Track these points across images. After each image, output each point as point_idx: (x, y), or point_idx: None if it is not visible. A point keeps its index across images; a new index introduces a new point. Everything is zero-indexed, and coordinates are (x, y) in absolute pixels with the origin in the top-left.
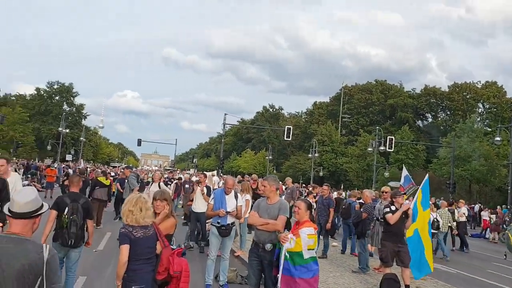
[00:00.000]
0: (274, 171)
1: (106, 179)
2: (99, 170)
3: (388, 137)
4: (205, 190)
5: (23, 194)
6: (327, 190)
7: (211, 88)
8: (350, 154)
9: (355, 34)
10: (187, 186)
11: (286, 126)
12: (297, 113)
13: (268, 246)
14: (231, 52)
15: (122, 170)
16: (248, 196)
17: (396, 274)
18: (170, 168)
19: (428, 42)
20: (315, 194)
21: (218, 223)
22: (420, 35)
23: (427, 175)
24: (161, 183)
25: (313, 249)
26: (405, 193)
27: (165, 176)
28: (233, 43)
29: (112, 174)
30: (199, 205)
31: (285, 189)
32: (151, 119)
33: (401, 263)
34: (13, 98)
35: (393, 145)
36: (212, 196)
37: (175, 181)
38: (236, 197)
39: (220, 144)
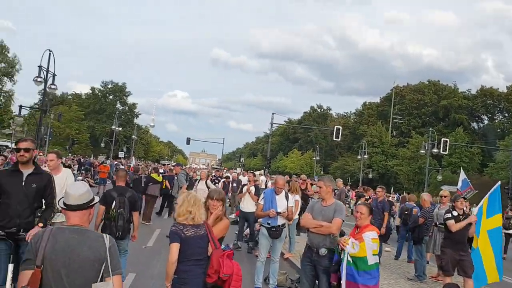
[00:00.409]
0: (321, 172)
1: (158, 176)
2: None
3: (443, 139)
4: (253, 189)
5: (76, 187)
6: (381, 192)
7: (258, 88)
8: (401, 156)
9: (405, 33)
10: (235, 184)
11: (335, 126)
12: (345, 114)
13: (323, 251)
14: (278, 52)
15: (171, 167)
16: (297, 197)
17: (458, 285)
18: (217, 167)
19: (483, 42)
20: (367, 197)
21: (268, 224)
22: (474, 35)
23: (499, 183)
24: (208, 181)
25: (377, 255)
26: (464, 198)
27: (212, 174)
28: (281, 43)
29: (161, 171)
30: (248, 204)
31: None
32: (199, 118)
33: (463, 273)
34: (70, 97)
35: (447, 147)
36: (262, 196)
37: (222, 180)
38: (287, 197)
39: (266, 144)
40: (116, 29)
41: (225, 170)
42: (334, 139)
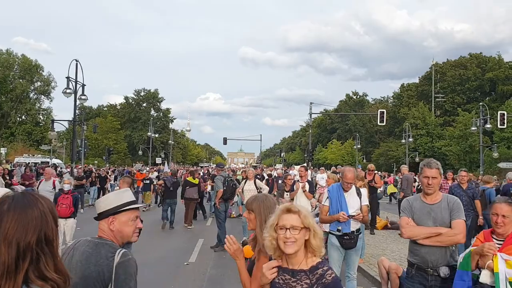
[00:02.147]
0: (364, 161)
1: (194, 178)
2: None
3: (499, 112)
4: (307, 186)
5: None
6: (466, 177)
7: (290, 82)
8: (449, 136)
9: (434, 10)
10: (280, 182)
11: (379, 110)
12: (382, 98)
13: (444, 271)
14: (307, 44)
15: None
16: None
17: None
18: (257, 165)
19: None
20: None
21: (339, 230)
22: (508, 3)
23: None
24: (258, 181)
25: None
26: None
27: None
28: (308, 35)
29: (200, 173)
30: (302, 204)
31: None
32: (233, 118)
33: None
34: (105, 108)
35: (505, 121)
36: (326, 194)
37: (265, 178)
38: (359, 194)
39: (303, 137)
40: (143, 39)
41: (262, 167)
42: (379, 123)
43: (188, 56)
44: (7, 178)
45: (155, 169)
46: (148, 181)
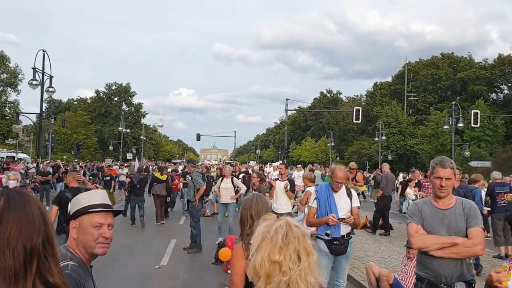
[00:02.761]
0: (337, 158)
1: (162, 175)
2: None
3: (472, 111)
4: (288, 185)
5: None
6: (459, 174)
7: (264, 80)
8: (420, 135)
9: (406, 12)
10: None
11: (355, 108)
12: (356, 97)
13: (461, 287)
14: (281, 42)
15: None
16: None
17: None
18: (231, 161)
19: (487, 14)
20: (415, 181)
21: (328, 234)
22: (476, 7)
23: None
24: (235, 179)
25: None
26: None
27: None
28: (282, 33)
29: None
30: (281, 203)
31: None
32: (206, 114)
33: None
34: (75, 102)
35: (478, 119)
36: (314, 195)
37: (241, 175)
38: (349, 195)
39: (277, 134)
40: (116, 34)
41: (237, 164)
42: (354, 121)
43: (160, 51)
44: None
45: (125, 165)
46: (108, 178)
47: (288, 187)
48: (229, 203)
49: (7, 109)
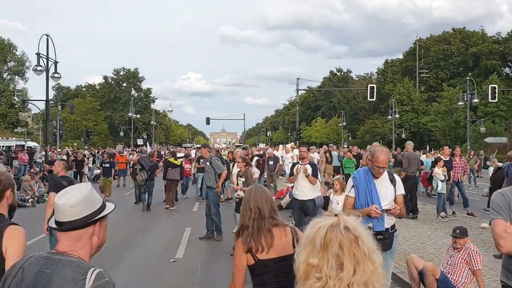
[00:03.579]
0: (349, 138)
1: (176, 160)
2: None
3: (490, 86)
4: (309, 169)
5: (68, 195)
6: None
7: (271, 61)
8: (434, 112)
9: None
10: (271, 163)
11: (369, 85)
12: (366, 75)
13: None
14: (287, 22)
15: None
16: (398, 178)
17: None
18: (241, 144)
19: None
20: (445, 159)
21: (370, 228)
22: None
23: None
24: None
25: None
26: None
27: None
28: (288, 13)
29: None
30: (304, 189)
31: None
32: (215, 98)
33: None
34: (84, 89)
35: (496, 94)
36: (351, 183)
37: (255, 159)
38: (392, 181)
39: (287, 116)
40: (122, 19)
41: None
42: (369, 99)
43: (166, 36)
44: None
45: (136, 150)
46: (107, 165)
47: (310, 171)
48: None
49: (15, 98)
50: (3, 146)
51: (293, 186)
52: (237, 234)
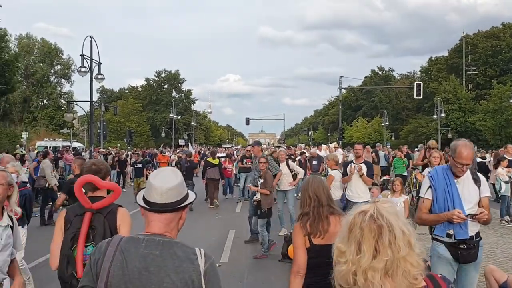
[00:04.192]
0: (392, 138)
1: (214, 159)
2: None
3: None
4: (364, 168)
5: (165, 177)
6: None
7: (309, 61)
8: (482, 111)
9: None
10: (314, 162)
11: (415, 83)
12: (408, 73)
13: None
14: (326, 22)
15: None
16: (483, 179)
17: None
18: (280, 145)
19: None
20: (510, 158)
21: (450, 236)
22: None
23: None
24: (291, 162)
25: None
26: None
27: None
28: (327, 12)
29: (221, 154)
30: (358, 191)
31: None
32: (253, 99)
33: None
34: (127, 91)
35: None
36: (427, 182)
37: (297, 158)
38: (477, 181)
39: (326, 116)
40: (162, 22)
41: (285, 147)
42: (415, 97)
43: (205, 38)
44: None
45: (178, 150)
46: (140, 165)
47: (365, 171)
48: (288, 189)
49: (62, 100)
50: (50, 147)
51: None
52: (298, 219)
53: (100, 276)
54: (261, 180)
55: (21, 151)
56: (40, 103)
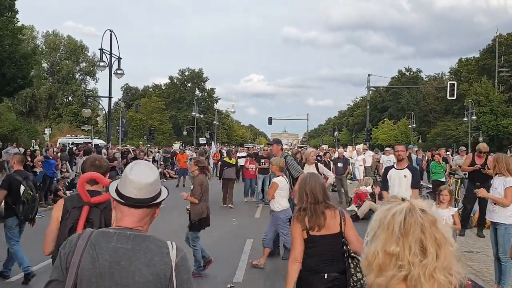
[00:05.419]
0: (419, 141)
1: (231, 159)
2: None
3: None
4: (409, 175)
5: (142, 172)
6: None
7: (334, 62)
8: None
9: None
10: (340, 165)
11: (449, 82)
12: (437, 75)
13: None
14: (351, 23)
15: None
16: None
17: None
18: (303, 145)
19: None
20: None
21: None
22: None
23: None
24: (320, 165)
25: None
26: None
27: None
28: (352, 13)
29: (241, 154)
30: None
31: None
32: (276, 99)
33: None
34: (150, 89)
35: None
36: None
37: (322, 159)
38: None
39: (351, 117)
40: (186, 21)
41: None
42: (448, 97)
43: (229, 38)
44: (29, 159)
45: (195, 150)
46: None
47: (409, 176)
48: None
49: (91, 98)
50: (72, 143)
51: (372, 193)
52: (296, 214)
53: (69, 270)
54: (191, 186)
55: (33, 147)
56: (65, 99)
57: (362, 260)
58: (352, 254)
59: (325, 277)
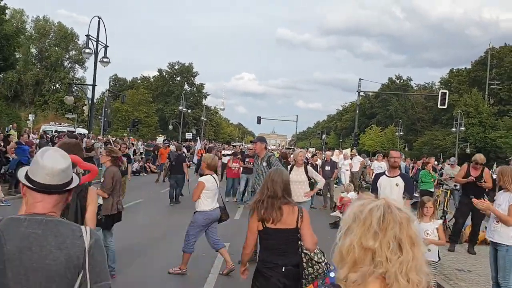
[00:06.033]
0: (406, 149)
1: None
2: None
3: None
4: (401, 184)
5: (55, 157)
6: None
7: (326, 66)
8: (504, 127)
9: None
10: (327, 168)
11: (441, 91)
12: (426, 84)
13: None
14: (345, 28)
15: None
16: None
17: None
18: (291, 147)
19: None
20: None
21: None
22: None
23: None
24: (309, 168)
25: None
26: None
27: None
28: (347, 18)
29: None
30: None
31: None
32: (267, 99)
33: None
34: (139, 81)
35: None
36: None
37: (309, 162)
38: None
39: (339, 121)
40: (180, 16)
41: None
42: (439, 106)
43: (223, 35)
44: (1, 144)
45: (183, 145)
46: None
47: (402, 187)
48: (303, 201)
49: (74, 86)
50: (55, 131)
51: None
52: (253, 204)
53: None
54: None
55: (7, 131)
56: (52, 87)
57: (335, 253)
58: (304, 250)
59: (283, 270)
